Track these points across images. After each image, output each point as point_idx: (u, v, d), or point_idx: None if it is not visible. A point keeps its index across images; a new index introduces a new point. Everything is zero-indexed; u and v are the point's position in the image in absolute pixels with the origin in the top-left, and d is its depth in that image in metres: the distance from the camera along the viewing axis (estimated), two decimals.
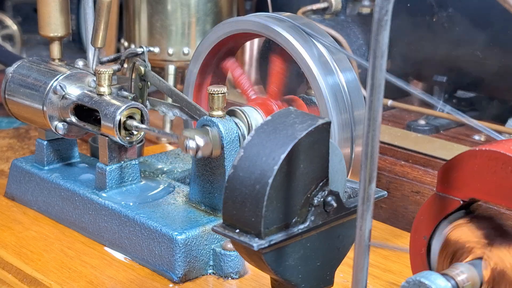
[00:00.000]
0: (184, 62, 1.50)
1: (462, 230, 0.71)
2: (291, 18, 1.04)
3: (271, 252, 0.69)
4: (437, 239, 0.74)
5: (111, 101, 1.01)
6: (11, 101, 1.13)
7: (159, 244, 0.94)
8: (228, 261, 0.94)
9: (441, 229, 0.73)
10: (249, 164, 0.68)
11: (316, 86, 0.98)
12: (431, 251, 0.75)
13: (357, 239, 0.65)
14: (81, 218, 1.05)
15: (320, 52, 0.99)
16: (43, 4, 1.13)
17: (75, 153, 1.17)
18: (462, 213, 0.73)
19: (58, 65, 1.12)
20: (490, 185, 0.68)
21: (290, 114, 0.72)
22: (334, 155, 0.74)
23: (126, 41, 1.57)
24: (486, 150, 0.68)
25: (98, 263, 0.98)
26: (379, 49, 0.59)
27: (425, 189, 1.18)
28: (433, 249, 0.74)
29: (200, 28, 1.49)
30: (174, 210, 0.99)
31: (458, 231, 0.72)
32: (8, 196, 1.18)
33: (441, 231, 0.73)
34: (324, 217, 0.72)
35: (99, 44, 1.08)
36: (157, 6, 1.48)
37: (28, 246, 1.03)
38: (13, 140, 1.50)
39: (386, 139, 1.28)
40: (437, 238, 0.74)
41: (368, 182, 0.63)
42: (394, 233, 1.09)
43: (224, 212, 0.70)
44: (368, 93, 0.60)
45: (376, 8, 0.58)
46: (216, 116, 0.96)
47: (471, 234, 0.71)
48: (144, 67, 1.08)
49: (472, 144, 1.25)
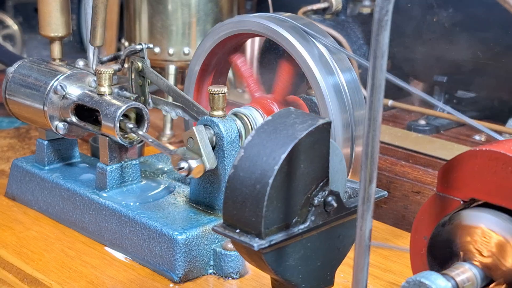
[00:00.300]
0: (184, 62, 1.50)
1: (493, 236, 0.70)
2: (292, 18, 1.04)
3: (271, 252, 0.69)
4: (457, 225, 0.72)
5: (112, 101, 1.01)
6: (11, 101, 1.13)
7: (160, 244, 0.94)
8: (229, 261, 0.94)
9: (464, 217, 0.72)
10: (250, 164, 0.68)
11: (316, 86, 0.98)
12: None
13: (358, 239, 0.65)
14: (81, 218, 1.05)
15: (321, 52, 0.99)
16: (44, 4, 1.13)
17: (76, 153, 1.17)
18: (491, 212, 0.71)
19: (59, 65, 1.13)
20: (490, 185, 0.68)
21: (291, 114, 0.72)
22: (334, 155, 0.74)
23: (126, 41, 1.57)
24: (486, 150, 0.68)
25: (98, 263, 0.99)
26: (379, 49, 0.59)
27: (425, 189, 1.18)
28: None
29: (200, 28, 1.49)
30: (175, 210, 1.00)
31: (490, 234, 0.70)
32: (8, 196, 1.18)
33: (464, 219, 0.72)
34: (325, 217, 0.73)
35: (98, 42, 1.08)
36: (157, 6, 1.48)
37: (28, 246, 1.03)
38: (13, 140, 1.50)
39: (386, 139, 1.28)
40: (457, 224, 0.72)
41: (368, 182, 0.63)
42: (394, 233, 1.09)
43: (225, 212, 0.70)
44: (368, 93, 0.60)
45: (377, 8, 0.58)
46: (217, 116, 0.96)
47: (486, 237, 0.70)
48: (142, 63, 1.08)
49: (473, 144, 1.25)
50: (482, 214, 0.70)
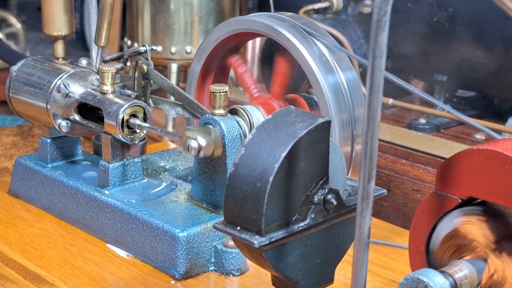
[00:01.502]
0: (186, 61, 1.50)
1: (474, 226, 0.71)
2: (292, 17, 1.04)
3: (271, 249, 0.70)
4: (446, 225, 0.73)
5: (114, 100, 1.02)
6: (15, 99, 1.14)
7: (161, 241, 0.95)
8: (230, 258, 0.95)
9: (452, 218, 0.73)
10: (250, 162, 0.69)
11: (317, 85, 0.99)
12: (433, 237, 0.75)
13: (357, 237, 0.66)
14: (84, 215, 1.06)
15: (321, 51, 1.00)
16: (47, 3, 1.14)
17: (79, 151, 1.18)
18: (479, 209, 0.72)
19: (62, 63, 1.13)
20: (487, 184, 0.69)
21: (291, 113, 0.73)
22: (334, 153, 0.75)
23: (129, 40, 1.58)
24: (483, 149, 0.69)
25: (100, 260, 0.99)
26: (378, 49, 0.59)
27: (425, 187, 1.19)
28: (437, 232, 0.74)
29: (202, 27, 1.50)
30: (176, 207, 1.00)
31: (470, 226, 0.71)
32: (12, 193, 1.19)
33: (452, 220, 0.73)
34: (324, 214, 0.73)
35: (103, 43, 1.09)
36: (160, 5, 1.49)
37: (31, 243, 1.04)
38: (17, 137, 1.51)
39: (387, 138, 1.29)
40: (446, 225, 0.73)
41: (367, 180, 0.63)
42: (394, 231, 1.10)
43: (225, 209, 0.71)
44: (367, 92, 0.61)
45: (375, 9, 0.59)
46: (218, 114, 0.97)
47: (481, 233, 0.71)
48: (147, 66, 1.09)
49: (473, 143, 1.26)
50: (452, 217, 0.71)
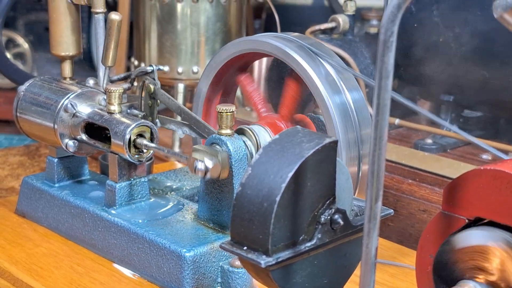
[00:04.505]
0: (193, 81, 1.51)
1: (497, 253, 0.70)
2: (299, 38, 1.05)
3: (278, 269, 0.70)
4: (466, 239, 0.71)
5: (121, 119, 1.02)
6: (22, 119, 1.14)
7: (168, 261, 0.95)
8: (236, 278, 0.94)
9: (478, 236, 0.71)
10: (257, 182, 0.69)
11: (323, 105, 0.99)
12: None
13: (364, 257, 0.66)
14: (90, 235, 1.06)
15: (328, 72, 1.00)
16: (55, 24, 1.14)
17: (85, 171, 1.18)
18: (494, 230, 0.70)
19: (69, 83, 1.14)
20: (495, 204, 0.69)
21: (298, 133, 0.73)
22: (341, 174, 0.75)
23: (136, 60, 1.59)
24: (491, 169, 0.69)
25: (107, 279, 0.99)
26: (384, 70, 0.60)
27: (432, 208, 1.18)
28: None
29: (209, 47, 1.51)
30: (183, 227, 1.00)
31: (494, 251, 0.70)
32: (19, 213, 1.19)
33: (476, 237, 0.71)
34: (331, 235, 0.73)
35: (110, 63, 1.10)
36: (167, 26, 1.50)
37: (38, 262, 1.04)
38: (23, 157, 1.51)
39: (393, 158, 1.29)
40: (466, 238, 0.71)
41: (374, 201, 0.63)
42: (401, 251, 1.10)
43: (232, 229, 0.71)
44: (374, 112, 0.61)
45: (382, 30, 0.59)
46: (225, 134, 0.97)
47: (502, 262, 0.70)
48: (154, 85, 1.09)
49: (480, 163, 1.26)
50: (485, 233, 0.70)
